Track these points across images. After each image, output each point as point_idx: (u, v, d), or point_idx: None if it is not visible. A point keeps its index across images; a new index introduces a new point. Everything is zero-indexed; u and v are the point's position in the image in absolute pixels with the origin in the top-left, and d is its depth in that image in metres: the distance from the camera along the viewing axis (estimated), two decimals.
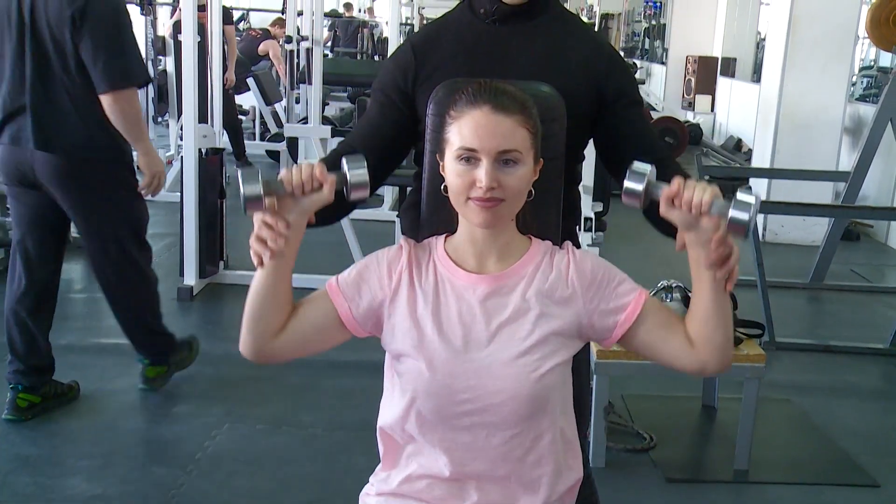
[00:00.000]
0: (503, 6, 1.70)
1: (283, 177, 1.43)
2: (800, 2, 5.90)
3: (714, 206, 1.35)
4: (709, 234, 1.36)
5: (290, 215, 1.43)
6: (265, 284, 1.47)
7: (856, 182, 5.12)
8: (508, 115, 1.42)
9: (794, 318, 4.70)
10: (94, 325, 4.07)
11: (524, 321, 1.44)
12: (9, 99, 2.94)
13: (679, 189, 1.37)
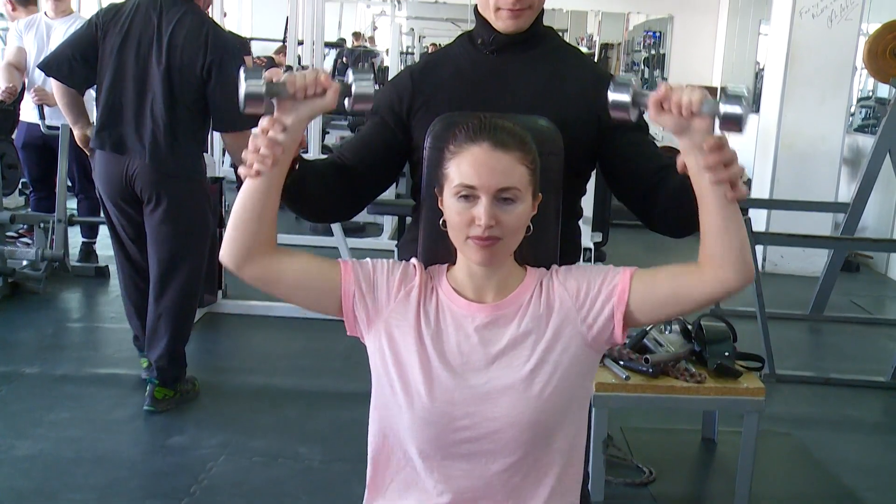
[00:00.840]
0: (501, 36, 1.71)
1: (287, 78, 1.42)
2: (798, 33, 5.93)
3: (705, 105, 1.32)
4: (702, 137, 1.33)
5: (287, 119, 1.42)
6: (256, 190, 1.44)
7: (855, 213, 5.12)
8: (507, 152, 1.42)
9: (795, 350, 4.68)
10: (91, 354, 4.05)
11: (522, 348, 1.44)
12: (122, 112, 3.28)
13: (667, 91, 1.34)
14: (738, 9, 10.50)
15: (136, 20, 3.30)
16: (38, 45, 4.93)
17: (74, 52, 3.35)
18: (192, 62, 3.26)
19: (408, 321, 1.47)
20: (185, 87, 3.28)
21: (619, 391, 2.81)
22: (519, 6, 1.66)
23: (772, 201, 6.01)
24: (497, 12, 1.68)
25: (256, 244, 1.45)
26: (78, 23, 4.96)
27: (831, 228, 6.07)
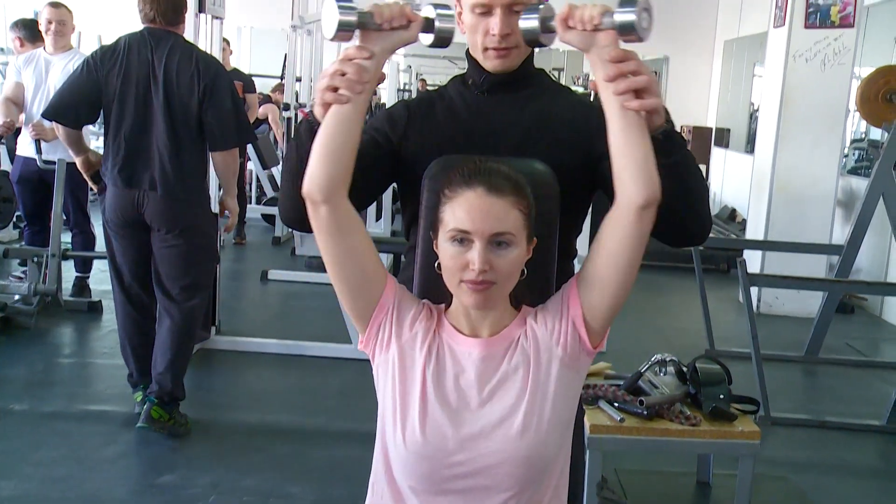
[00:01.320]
0: (491, 76, 1.73)
1: (374, 9, 1.44)
2: (791, 77, 5.99)
3: (605, 18, 1.36)
4: (608, 51, 1.37)
5: (373, 52, 1.44)
6: (344, 119, 1.44)
7: (849, 255, 5.13)
8: (502, 197, 1.42)
9: (790, 392, 4.66)
10: (82, 391, 4.02)
11: (513, 382, 1.45)
12: (127, 147, 3.44)
13: (570, 9, 1.39)
14: (732, 51, 10.60)
15: (131, 59, 3.45)
16: (36, 80, 4.95)
17: (80, 98, 3.49)
18: (189, 89, 3.45)
19: (419, 356, 1.47)
20: (185, 114, 3.46)
21: (614, 433, 2.79)
22: (505, 45, 1.67)
23: (766, 242, 6.02)
24: (485, 52, 1.70)
25: (341, 177, 1.44)
26: (77, 58, 4.98)
27: (826, 270, 6.08)
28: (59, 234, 4.83)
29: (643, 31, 1.35)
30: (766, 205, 6.19)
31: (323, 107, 1.46)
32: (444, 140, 1.69)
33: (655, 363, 3.05)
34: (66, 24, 5.03)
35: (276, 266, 6.53)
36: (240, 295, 5.96)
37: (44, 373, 4.19)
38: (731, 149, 10.43)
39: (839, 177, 6.20)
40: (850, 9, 5.82)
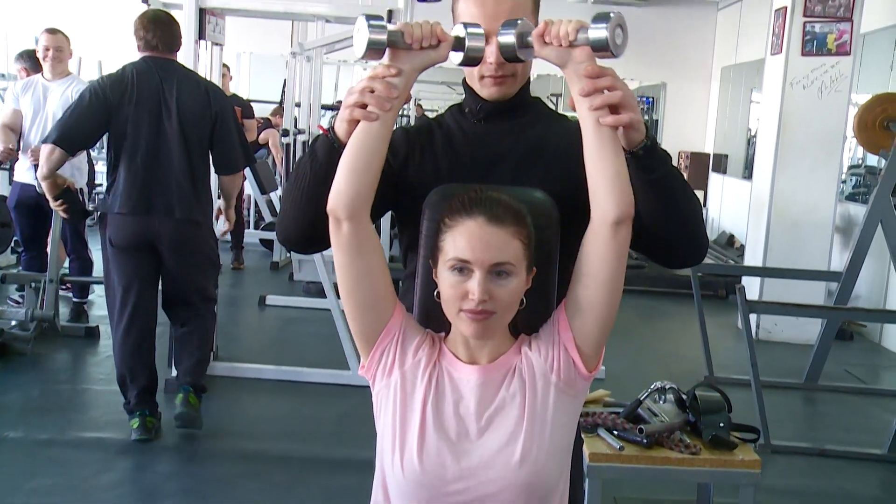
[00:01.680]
0: (487, 104, 1.73)
1: (404, 28, 1.43)
2: (789, 104, 6.02)
3: (580, 34, 1.37)
4: (583, 66, 1.39)
5: (402, 70, 1.45)
6: (372, 135, 1.45)
7: (848, 282, 5.13)
8: (502, 227, 1.42)
9: (790, 420, 4.64)
10: (77, 417, 3.99)
11: (511, 409, 1.44)
12: (143, 174, 3.56)
13: (546, 25, 1.40)
14: (729, 77, 10.66)
15: (141, 87, 3.54)
16: (34, 106, 4.96)
17: (85, 126, 3.59)
18: (202, 115, 3.65)
19: (420, 385, 1.47)
20: (198, 140, 3.66)
21: (613, 461, 2.77)
22: (501, 73, 1.67)
23: (765, 269, 6.02)
24: (481, 80, 1.70)
25: (367, 194, 1.45)
26: (75, 84, 5.00)
27: (824, 296, 6.08)
28: (56, 259, 4.83)
29: (616, 48, 1.36)
30: (765, 231, 6.20)
31: (349, 123, 1.47)
32: (442, 168, 1.69)
33: (655, 391, 3.03)
34: (64, 51, 5.05)
35: (274, 291, 6.51)
36: (237, 320, 5.94)
37: (39, 399, 4.16)
38: (729, 174, 10.46)
39: (837, 203, 6.22)
40: (846, 37, 5.86)
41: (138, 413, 3.65)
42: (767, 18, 6.40)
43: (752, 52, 9.38)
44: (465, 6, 1.65)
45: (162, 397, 4.16)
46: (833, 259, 6.23)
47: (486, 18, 1.61)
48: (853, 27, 5.87)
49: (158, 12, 3.83)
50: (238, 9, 4.99)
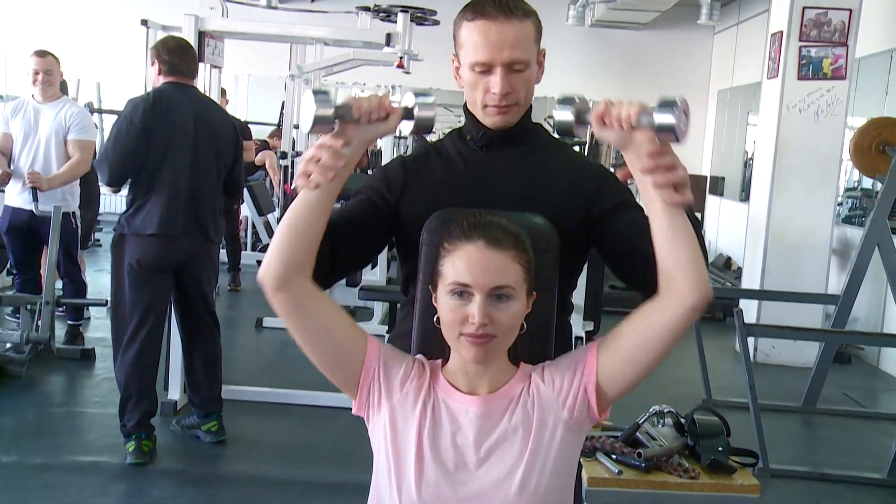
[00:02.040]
0: (489, 132, 1.72)
1: (351, 103, 1.43)
2: (785, 127, 6.04)
3: (642, 117, 1.35)
4: (645, 150, 1.36)
5: (352, 139, 1.44)
6: (310, 204, 1.44)
7: (845, 305, 5.13)
8: (502, 251, 1.42)
9: (788, 443, 4.62)
10: (72, 441, 3.95)
11: (512, 442, 1.43)
12: (182, 196, 3.65)
13: (607, 106, 1.38)
14: (726, 100, 10.72)
15: (177, 111, 3.63)
16: (25, 129, 4.88)
17: (138, 161, 3.58)
18: (228, 142, 3.83)
19: (413, 414, 1.46)
20: (224, 164, 3.82)
21: (612, 486, 2.75)
22: (505, 102, 1.67)
23: (762, 292, 6.02)
24: (484, 109, 1.69)
25: (299, 263, 1.44)
26: (68, 107, 4.95)
27: (822, 319, 6.07)
28: (52, 281, 4.80)
29: (681, 134, 1.34)
30: (762, 253, 6.20)
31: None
32: (442, 197, 1.68)
33: (653, 415, 3.02)
34: (54, 73, 4.94)
35: (271, 314, 6.40)
36: (234, 343, 5.92)
37: (33, 423, 4.13)
38: (726, 197, 10.49)
39: (834, 226, 6.23)
40: (841, 61, 5.90)
41: (134, 436, 3.63)
42: (763, 42, 6.44)
43: (749, 76, 9.44)
44: (467, 35, 1.65)
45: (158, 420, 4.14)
46: (830, 282, 6.24)
47: (489, 48, 1.61)
48: (848, 52, 5.90)
49: (182, 40, 3.95)
50: (237, 32, 5.02)
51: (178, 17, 4.65)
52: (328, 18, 7.72)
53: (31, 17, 10.56)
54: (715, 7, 9.23)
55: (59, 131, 4.91)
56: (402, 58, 5.20)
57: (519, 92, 1.67)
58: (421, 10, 5.30)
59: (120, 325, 3.71)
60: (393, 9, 5.32)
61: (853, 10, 5.86)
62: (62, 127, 4.91)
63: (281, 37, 5.66)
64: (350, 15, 5.96)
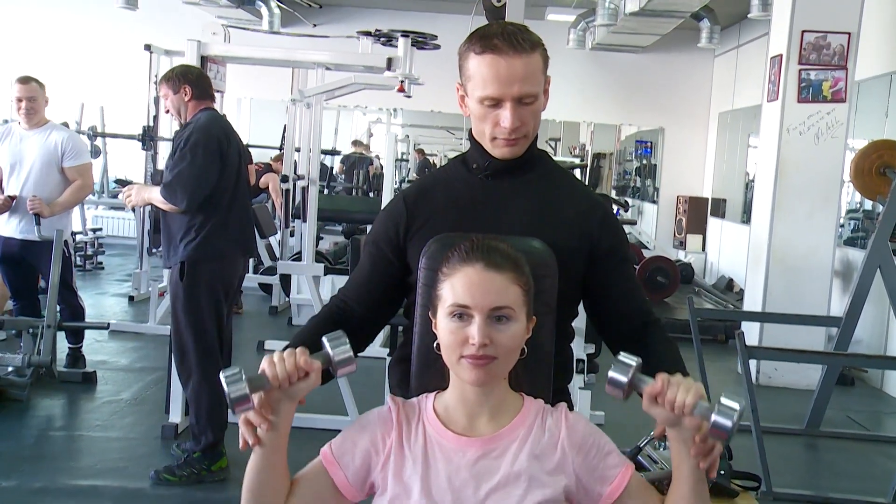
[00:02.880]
0: (496, 162, 1.72)
1: (267, 371, 1.39)
2: (786, 150, 6.05)
3: (697, 408, 1.33)
4: (691, 433, 1.35)
5: (279, 405, 1.41)
6: (263, 464, 1.43)
7: (848, 327, 5.11)
8: (501, 273, 1.42)
9: (791, 467, 4.59)
10: (72, 465, 3.92)
11: (514, 488, 1.41)
12: (248, 217, 3.93)
13: (663, 387, 1.35)
14: (727, 122, 10.75)
15: (232, 135, 3.83)
16: (11, 156, 4.83)
17: (212, 185, 3.66)
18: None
19: (391, 462, 1.45)
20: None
21: None
22: (515, 136, 1.66)
23: (764, 314, 6.00)
24: (493, 141, 1.69)
25: None
26: (56, 132, 4.90)
27: (824, 341, 6.05)
28: (54, 305, 4.80)
29: (732, 435, 1.33)
30: (764, 275, 6.19)
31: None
32: (447, 225, 1.67)
33: (655, 437, 3.00)
34: (38, 100, 4.84)
35: (272, 336, 6.47)
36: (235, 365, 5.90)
37: (34, 447, 4.11)
38: (728, 219, 10.49)
39: (835, 248, 6.22)
40: (841, 84, 5.92)
41: (222, 450, 3.83)
42: (763, 65, 6.47)
43: (749, 98, 9.47)
44: (476, 68, 1.64)
45: (159, 444, 4.13)
46: (833, 304, 6.22)
47: (498, 83, 1.61)
48: (848, 75, 5.93)
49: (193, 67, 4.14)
50: (239, 57, 5.05)
51: (181, 42, 4.68)
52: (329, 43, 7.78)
53: (35, 42, 10.63)
54: (715, 31, 9.29)
55: (49, 157, 4.84)
56: (402, 82, 5.22)
57: (528, 125, 1.67)
58: (422, 34, 5.33)
59: (206, 349, 3.72)
60: (394, 33, 5.35)
61: (852, 33, 5.90)
62: (52, 153, 4.84)
63: (283, 61, 5.68)
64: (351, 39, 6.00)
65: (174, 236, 3.70)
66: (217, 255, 3.70)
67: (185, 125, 3.77)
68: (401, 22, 7.63)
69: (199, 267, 3.66)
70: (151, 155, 7.32)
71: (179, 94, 3.78)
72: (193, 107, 3.80)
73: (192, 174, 3.59)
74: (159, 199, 3.65)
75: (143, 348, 5.95)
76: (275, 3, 9.53)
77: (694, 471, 1.39)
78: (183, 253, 3.64)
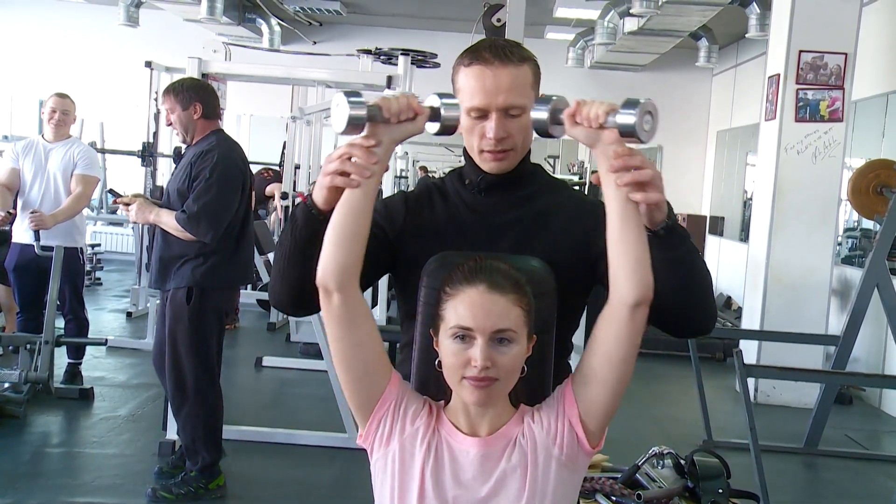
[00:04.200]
0: (489, 177, 1.72)
1: (381, 103, 1.45)
2: (784, 169, 6.08)
3: (609, 117, 1.40)
4: (612, 147, 1.41)
5: (382, 140, 1.47)
6: (354, 205, 1.45)
7: (846, 346, 5.12)
8: (503, 294, 1.44)
9: (790, 486, 4.58)
10: (68, 482, 3.90)
11: (512, 482, 1.45)
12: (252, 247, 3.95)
13: (578, 106, 1.42)
14: (725, 141, 10.79)
15: (245, 162, 3.82)
16: (35, 167, 4.98)
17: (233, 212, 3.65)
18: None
19: (418, 452, 1.47)
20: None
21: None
22: (502, 147, 1.66)
23: (762, 332, 6.01)
24: (481, 154, 1.69)
25: (354, 264, 1.45)
26: (76, 145, 5.06)
27: (822, 359, 6.05)
28: (52, 320, 4.79)
29: (644, 134, 1.38)
30: (762, 293, 6.20)
31: (328, 190, 1.48)
32: (442, 238, 1.68)
33: (653, 456, 3.00)
34: (70, 114, 5.14)
35: (270, 352, 6.48)
36: (233, 381, 5.89)
37: (30, 463, 4.10)
38: (726, 237, 10.52)
39: (833, 266, 6.23)
40: (838, 104, 5.96)
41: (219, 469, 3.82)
42: (761, 85, 6.51)
43: (747, 117, 9.52)
44: (464, 80, 1.66)
45: (155, 460, 4.12)
46: (830, 322, 6.23)
47: (485, 93, 1.62)
48: (845, 95, 5.96)
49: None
50: (240, 74, 5.07)
51: (182, 59, 4.71)
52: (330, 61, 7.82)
53: (36, 58, 10.68)
54: (713, 50, 9.34)
55: (68, 168, 5.04)
56: None
57: (515, 137, 1.67)
58: (421, 52, 5.37)
59: (207, 372, 3.69)
60: (394, 51, 5.39)
61: (848, 54, 5.94)
62: (71, 164, 5.04)
63: (283, 79, 5.72)
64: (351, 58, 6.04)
65: (175, 258, 3.60)
66: (227, 284, 3.72)
67: (205, 151, 3.61)
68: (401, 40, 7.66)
69: (208, 294, 3.60)
70: (151, 171, 7.33)
71: (189, 111, 3.66)
72: (203, 126, 3.70)
73: (220, 207, 3.54)
74: (174, 227, 3.53)
75: (140, 364, 5.94)
76: (275, 21, 9.59)
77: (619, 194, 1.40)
78: (190, 278, 3.55)
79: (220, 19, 8.42)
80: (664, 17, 7.88)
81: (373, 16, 10.51)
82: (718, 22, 8.59)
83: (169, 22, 10.00)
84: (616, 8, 7.97)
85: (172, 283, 3.61)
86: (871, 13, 6.55)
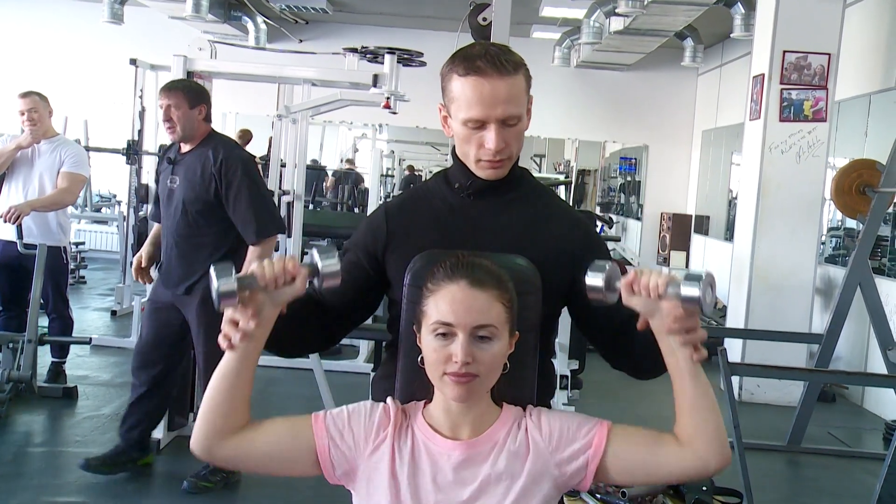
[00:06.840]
0: (479, 182, 1.72)
1: (256, 271, 1.43)
2: (768, 168, 6.12)
3: (669, 287, 1.40)
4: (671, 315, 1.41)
5: (262, 308, 1.44)
6: (231, 368, 1.46)
7: (829, 344, 5.15)
8: (484, 290, 1.44)
9: (773, 484, 4.61)
10: (51, 482, 3.88)
11: (496, 489, 1.44)
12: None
13: (636, 276, 1.43)
14: (710, 140, 10.83)
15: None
16: (21, 165, 4.92)
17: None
18: None
19: (384, 463, 1.46)
20: None
21: None
22: (499, 157, 1.67)
23: (747, 331, 6.04)
24: (478, 163, 1.69)
25: (228, 426, 1.46)
26: (64, 147, 4.99)
27: (806, 358, 6.10)
28: (36, 319, 4.76)
29: (706, 306, 1.39)
30: (746, 292, 6.24)
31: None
32: (428, 242, 1.67)
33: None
34: (40, 111, 4.93)
35: None
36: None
37: (12, 464, 4.07)
38: (711, 236, 10.55)
39: (817, 265, 6.28)
40: (822, 104, 6.00)
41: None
42: (746, 85, 6.54)
43: (732, 117, 9.55)
44: (459, 90, 1.64)
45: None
46: (814, 321, 6.27)
47: (483, 105, 1.62)
48: (828, 95, 6.01)
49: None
50: (225, 72, 5.05)
51: (167, 57, 4.69)
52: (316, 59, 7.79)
53: (20, 55, 10.61)
54: (698, 49, 9.37)
55: (54, 167, 4.95)
56: (388, 98, 5.24)
57: (512, 146, 1.67)
58: (408, 51, 5.36)
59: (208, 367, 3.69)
60: (380, 50, 5.38)
61: (832, 54, 5.98)
62: (58, 164, 4.96)
63: (269, 77, 5.70)
64: (337, 56, 6.02)
65: (204, 259, 3.64)
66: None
67: (225, 157, 3.65)
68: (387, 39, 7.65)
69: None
70: (136, 169, 7.29)
71: (195, 112, 3.69)
72: (203, 128, 3.75)
73: (268, 206, 3.78)
74: (269, 248, 3.72)
75: (124, 363, 5.90)
76: (261, 19, 9.56)
77: (688, 362, 1.43)
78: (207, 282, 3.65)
79: (206, 17, 8.38)
80: (650, 16, 7.91)
81: (359, 14, 10.49)
82: (704, 22, 8.62)
83: (154, 19, 9.95)
84: (602, 7, 7.98)
85: (204, 284, 3.61)
86: (854, 14, 6.59)
